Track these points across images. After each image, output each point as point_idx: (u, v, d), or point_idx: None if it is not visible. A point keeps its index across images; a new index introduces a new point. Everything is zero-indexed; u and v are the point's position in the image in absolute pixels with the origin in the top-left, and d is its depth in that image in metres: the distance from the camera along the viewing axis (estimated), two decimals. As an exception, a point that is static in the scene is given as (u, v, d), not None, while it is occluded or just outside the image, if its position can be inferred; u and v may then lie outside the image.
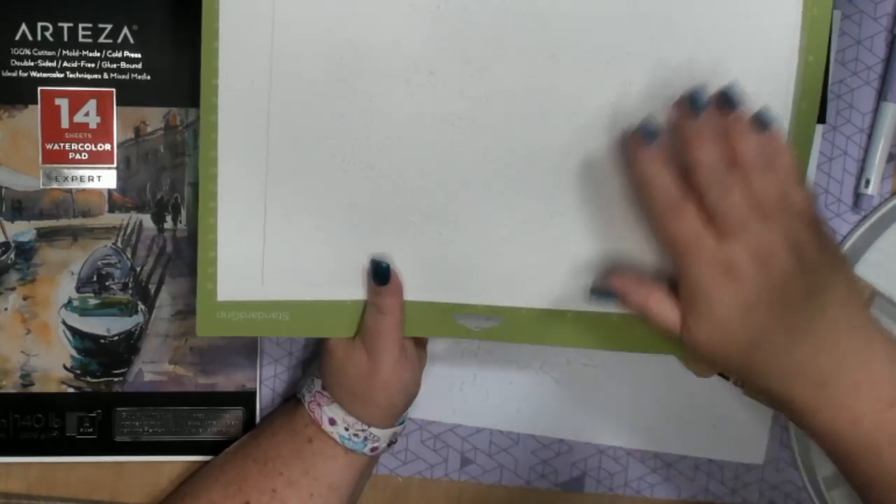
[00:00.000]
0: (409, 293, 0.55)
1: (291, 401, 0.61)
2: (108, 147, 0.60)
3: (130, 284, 0.62)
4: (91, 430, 0.63)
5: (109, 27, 0.59)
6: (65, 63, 0.59)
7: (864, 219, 0.64)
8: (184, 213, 0.61)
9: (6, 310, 0.61)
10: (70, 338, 0.62)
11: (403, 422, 0.60)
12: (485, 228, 0.55)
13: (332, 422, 0.57)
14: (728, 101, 0.50)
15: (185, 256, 0.62)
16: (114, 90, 0.60)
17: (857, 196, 0.64)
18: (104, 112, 0.60)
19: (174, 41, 0.59)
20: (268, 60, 0.51)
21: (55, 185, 0.60)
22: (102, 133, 0.60)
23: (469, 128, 0.53)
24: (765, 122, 0.51)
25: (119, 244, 0.61)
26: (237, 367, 0.63)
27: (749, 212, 0.49)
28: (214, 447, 0.63)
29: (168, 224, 0.61)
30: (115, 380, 0.62)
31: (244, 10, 0.50)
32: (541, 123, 0.53)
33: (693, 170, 0.50)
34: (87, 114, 0.60)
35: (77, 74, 0.59)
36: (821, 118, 0.63)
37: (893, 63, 0.63)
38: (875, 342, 0.51)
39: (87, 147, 0.60)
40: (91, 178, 0.60)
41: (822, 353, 0.50)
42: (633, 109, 0.53)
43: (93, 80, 0.59)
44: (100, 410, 0.62)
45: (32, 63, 0.59)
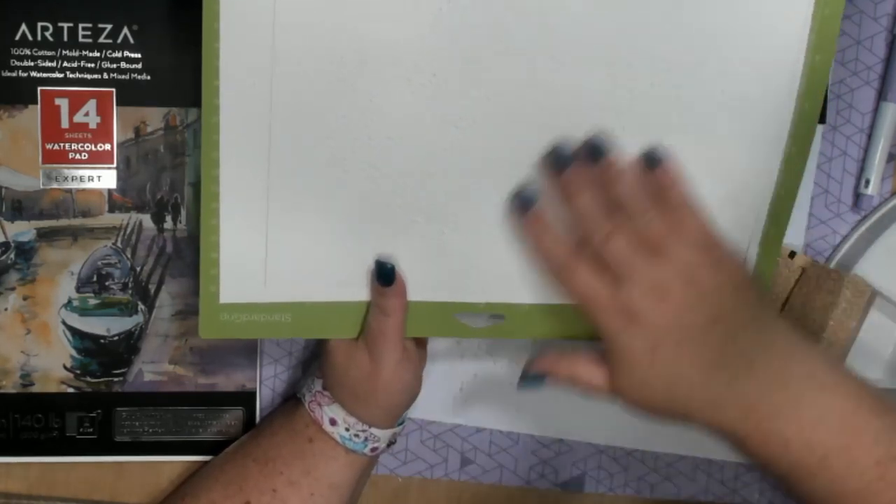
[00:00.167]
0: (411, 293, 0.55)
1: (291, 401, 0.61)
2: (108, 147, 0.60)
3: (130, 284, 0.62)
4: (91, 430, 0.63)
5: (109, 27, 0.59)
6: (65, 63, 0.59)
7: (864, 219, 0.64)
8: (184, 213, 0.61)
9: (6, 310, 0.61)
10: (70, 338, 0.62)
11: (403, 422, 0.60)
12: (486, 228, 0.55)
13: (333, 422, 0.57)
14: (594, 151, 0.51)
15: (185, 256, 0.62)
16: (114, 90, 0.60)
17: (857, 196, 0.64)
18: (104, 112, 0.60)
19: (174, 41, 0.59)
20: (269, 61, 0.51)
21: (55, 185, 0.60)
22: (102, 133, 0.60)
23: (470, 129, 0.53)
24: (654, 160, 0.51)
25: (119, 244, 0.61)
26: (237, 367, 0.63)
27: (635, 253, 0.49)
28: (214, 447, 0.63)
29: (168, 224, 0.61)
30: (115, 380, 0.62)
31: (245, 11, 0.50)
32: (542, 125, 0.53)
33: (576, 222, 0.50)
34: (87, 114, 0.60)
35: (77, 74, 0.59)
36: (821, 118, 0.63)
37: (893, 63, 0.63)
38: (793, 360, 0.49)
39: (87, 147, 0.60)
40: (91, 178, 0.60)
41: (739, 381, 0.49)
42: (638, 110, 0.53)
43: (93, 80, 0.59)
44: (100, 410, 0.62)
45: (32, 63, 0.59)
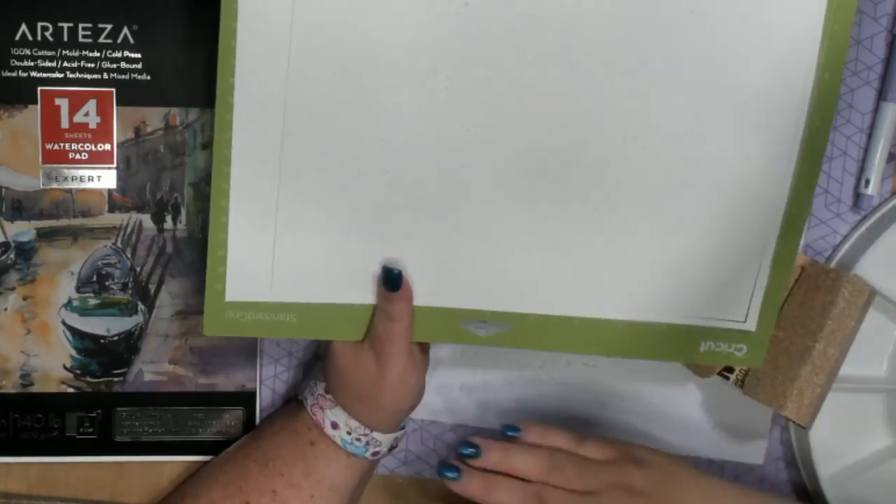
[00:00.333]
0: (418, 298, 0.55)
1: (293, 403, 0.61)
2: (108, 147, 0.60)
3: (130, 284, 0.62)
4: (91, 430, 0.63)
5: (109, 27, 0.59)
6: (65, 63, 0.59)
7: (864, 219, 0.64)
8: (184, 213, 0.61)
9: (6, 310, 0.61)
10: (70, 338, 0.62)
11: (405, 427, 0.60)
12: (497, 235, 0.54)
13: (335, 426, 0.57)
14: (464, 445, 0.56)
15: (185, 256, 0.62)
16: (114, 90, 0.60)
17: (857, 196, 0.64)
18: (104, 112, 0.60)
19: (174, 41, 0.59)
20: (285, 61, 0.51)
21: (55, 185, 0.60)
22: (102, 133, 0.60)
23: (484, 134, 0.53)
24: (513, 429, 0.57)
25: (119, 244, 0.61)
26: (237, 367, 0.63)
27: (570, 498, 0.55)
28: (214, 447, 0.63)
29: (168, 224, 0.61)
30: (115, 380, 0.62)
31: (262, 12, 0.50)
32: (557, 131, 0.53)
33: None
34: (87, 114, 0.60)
35: (77, 74, 0.59)
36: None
37: (893, 63, 0.63)
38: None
39: (87, 147, 0.60)
40: (91, 178, 0.60)
41: None
42: (650, 120, 0.53)
43: (93, 80, 0.59)
44: (100, 410, 0.62)
45: (32, 63, 0.59)
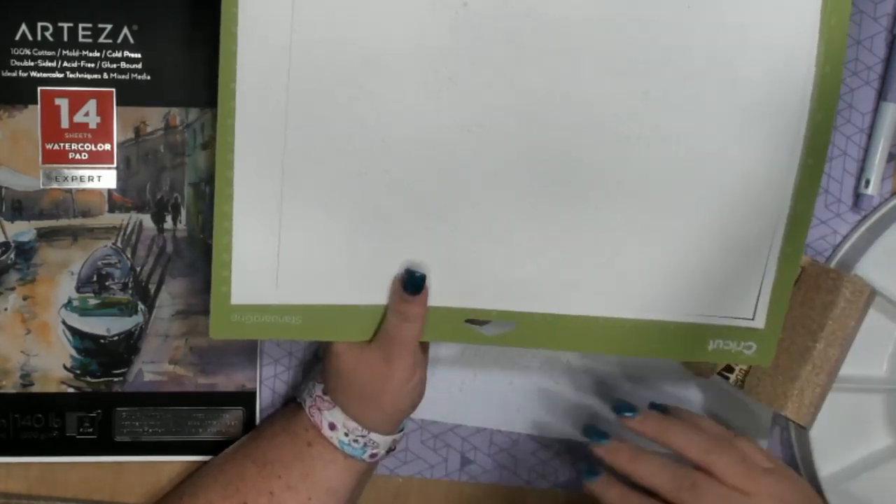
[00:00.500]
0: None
1: (292, 404, 0.61)
2: (108, 147, 0.60)
3: (130, 284, 0.62)
4: (91, 430, 0.63)
5: (109, 27, 0.59)
6: (65, 63, 0.59)
7: (864, 219, 0.64)
8: (184, 213, 0.61)
9: (6, 310, 0.61)
10: (70, 338, 0.62)
11: (403, 429, 0.60)
12: (499, 234, 0.54)
13: (332, 427, 0.57)
14: (623, 408, 0.58)
15: (185, 256, 0.62)
16: (114, 90, 0.60)
17: (857, 196, 0.64)
18: (104, 112, 0.60)
19: (174, 41, 0.59)
20: (286, 65, 0.50)
21: (55, 185, 0.60)
22: (102, 133, 0.60)
23: (486, 134, 0.53)
24: (664, 408, 0.58)
25: (119, 244, 0.61)
26: (237, 367, 0.63)
27: (725, 492, 0.54)
28: (214, 447, 0.63)
29: (168, 224, 0.61)
30: (115, 380, 0.62)
31: (262, 15, 0.50)
32: (558, 131, 0.53)
33: (653, 489, 0.56)
34: (87, 114, 0.60)
35: (77, 74, 0.59)
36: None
37: (893, 63, 0.63)
38: None
39: (87, 147, 0.60)
40: (91, 178, 0.60)
41: None
42: (651, 119, 0.53)
43: (93, 80, 0.59)
44: (100, 410, 0.62)
45: (32, 63, 0.59)
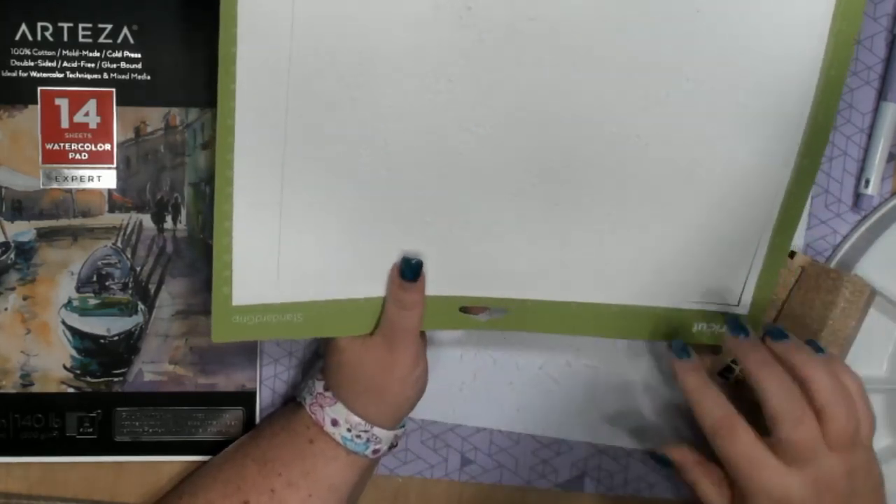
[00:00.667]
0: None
1: (292, 404, 0.61)
2: (108, 147, 0.60)
3: (130, 284, 0.62)
4: (91, 430, 0.63)
5: (109, 27, 0.59)
6: (65, 63, 0.59)
7: (864, 219, 0.64)
8: (184, 213, 0.61)
9: (6, 310, 0.61)
10: (70, 338, 0.62)
11: (404, 425, 0.60)
12: (497, 230, 0.55)
13: (335, 423, 0.57)
14: (778, 334, 0.53)
15: (185, 256, 0.62)
16: (114, 90, 0.60)
17: (857, 196, 0.64)
18: (104, 112, 0.60)
19: (174, 41, 0.59)
20: (286, 65, 0.50)
21: (55, 185, 0.60)
22: (102, 133, 0.60)
23: (486, 134, 0.53)
24: (818, 348, 0.53)
25: (119, 244, 0.61)
26: (237, 367, 0.63)
27: (818, 444, 0.50)
28: (214, 447, 0.63)
29: (168, 224, 0.61)
30: (115, 380, 0.62)
31: (262, 18, 0.49)
32: (557, 130, 0.53)
33: (763, 399, 0.51)
34: (87, 114, 0.60)
35: (77, 74, 0.59)
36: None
37: (893, 63, 0.63)
38: None
39: (87, 147, 0.60)
40: (91, 178, 0.60)
41: None
42: (652, 120, 0.53)
43: (93, 80, 0.59)
44: (100, 410, 0.62)
45: (32, 63, 0.59)
